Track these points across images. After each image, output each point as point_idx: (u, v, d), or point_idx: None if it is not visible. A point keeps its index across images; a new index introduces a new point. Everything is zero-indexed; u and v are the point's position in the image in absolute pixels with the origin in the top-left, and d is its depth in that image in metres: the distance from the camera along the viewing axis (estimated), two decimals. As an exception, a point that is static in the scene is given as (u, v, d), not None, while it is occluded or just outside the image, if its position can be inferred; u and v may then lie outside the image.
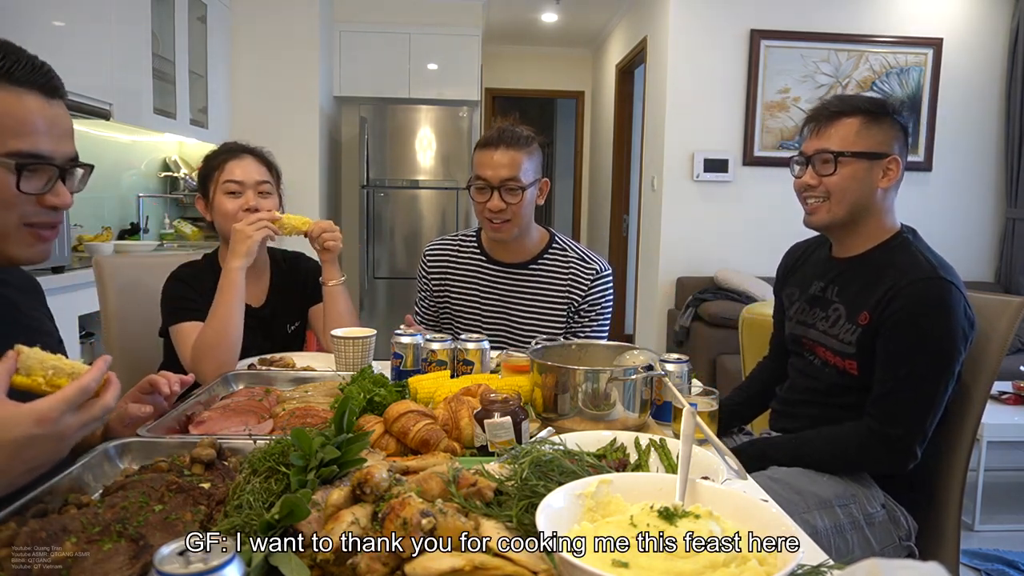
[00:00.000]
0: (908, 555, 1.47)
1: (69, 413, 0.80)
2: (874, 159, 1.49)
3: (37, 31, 2.57)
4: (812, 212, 1.56)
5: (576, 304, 1.88)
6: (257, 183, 1.76)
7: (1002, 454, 3.39)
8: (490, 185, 1.78)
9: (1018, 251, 4.51)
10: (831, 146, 1.50)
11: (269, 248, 1.86)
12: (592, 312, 1.89)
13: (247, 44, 4.75)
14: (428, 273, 2.00)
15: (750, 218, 4.54)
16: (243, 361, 1.65)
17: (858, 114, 1.50)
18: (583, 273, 1.88)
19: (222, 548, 0.55)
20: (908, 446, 1.40)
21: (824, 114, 1.53)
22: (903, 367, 1.40)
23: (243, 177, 1.75)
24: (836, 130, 1.50)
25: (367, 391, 1.21)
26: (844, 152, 1.48)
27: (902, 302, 1.40)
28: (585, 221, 7.63)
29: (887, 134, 1.50)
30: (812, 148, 1.53)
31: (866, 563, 0.56)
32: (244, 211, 1.73)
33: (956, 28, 4.53)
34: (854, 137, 1.49)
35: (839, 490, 1.43)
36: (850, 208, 1.51)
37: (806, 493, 1.40)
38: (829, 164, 1.50)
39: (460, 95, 5.38)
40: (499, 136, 1.79)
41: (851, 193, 1.49)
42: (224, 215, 1.74)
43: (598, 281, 1.89)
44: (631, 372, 1.22)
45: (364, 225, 5.23)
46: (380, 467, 0.78)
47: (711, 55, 4.46)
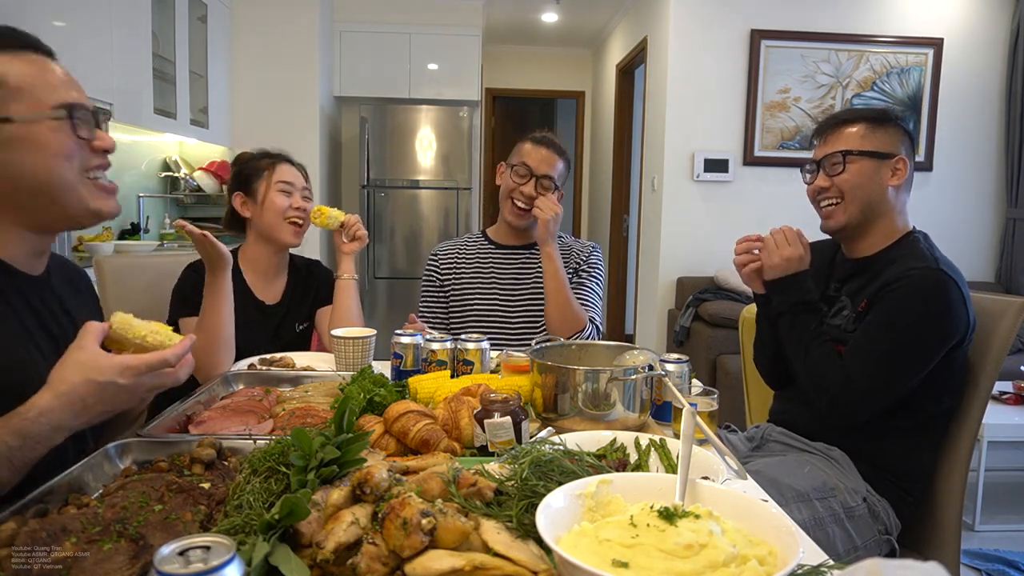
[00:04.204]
0: (890, 550, 1.48)
1: (147, 375, 0.92)
2: (882, 158, 1.55)
3: (37, 31, 2.56)
4: (828, 216, 1.61)
5: (579, 266, 2.08)
6: (302, 188, 1.96)
7: (1002, 454, 3.39)
8: (532, 173, 1.98)
9: (1018, 251, 4.51)
10: (839, 148, 1.57)
11: (291, 253, 2.00)
12: (589, 273, 2.08)
13: (247, 44, 4.75)
14: (439, 268, 2.12)
15: (750, 218, 4.53)
16: (244, 361, 1.65)
17: (862, 120, 1.58)
18: (580, 246, 2.12)
19: (222, 548, 0.55)
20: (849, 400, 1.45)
21: (830, 123, 1.61)
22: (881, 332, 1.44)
23: (293, 179, 1.93)
24: (842, 135, 1.58)
25: (367, 391, 1.21)
26: (852, 151, 1.55)
27: (897, 284, 1.44)
28: (585, 221, 7.63)
29: (892, 137, 1.56)
30: (821, 154, 1.61)
31: (866, 563, 0.56)
32: (294, 209, 1.90)
33: (956, 28, 4.52)
34: (859, 140, 1.56)
35: (817, 483, 1.44)
36: (862, 206, 1.55)
37: (782, 486, 1.41)
38: (838, 164, 1.56)
39: (460, 95, 5.38)
40: (548, 141, 2.03)
41: (862, 190, 1.55)
42: (276, 210, 1.89)
43: (593, 252, 2.13)
44: (631, 372, 1.22)
45: (364, 225, 5.22)
46: (380, 467, 0.78)
47: (711, 55, 4.45)
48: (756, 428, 1.71)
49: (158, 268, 2.01)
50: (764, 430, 1.68)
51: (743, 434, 1.72)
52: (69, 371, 0.88)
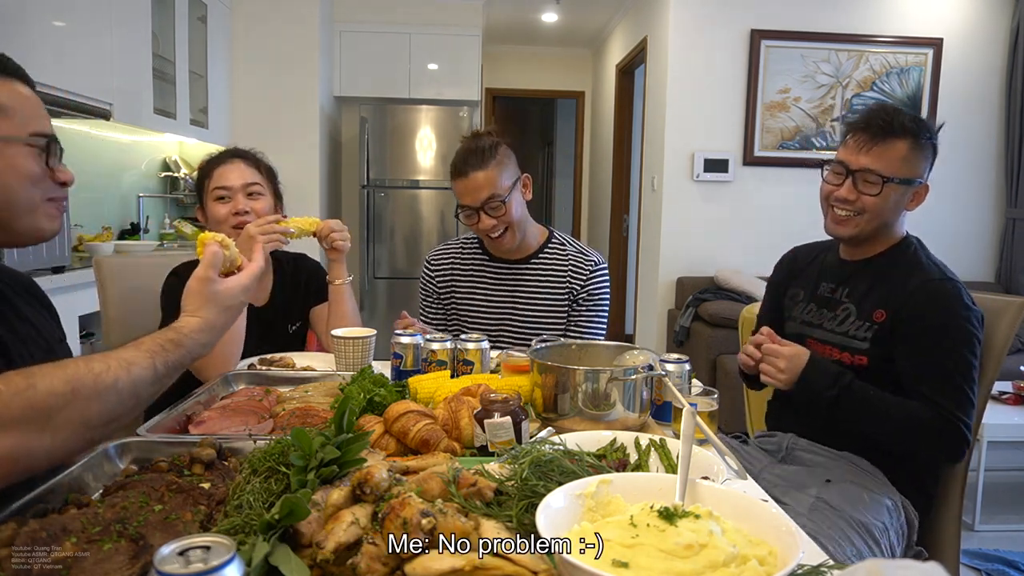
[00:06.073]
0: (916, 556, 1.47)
1: (254, 287, 1.11)
2: (912, 184, 1.51)
3: (37, 31, 2.57)
4: (839, 223, 1.55)
5: (575, 293, 1.94)
6: (244, 185, 1.79)
7: (1002, 454, 3.39)
8: (473, 208, 1.83)
9: (1018, 251, 4.51)
10: (880, 169, 1.48)
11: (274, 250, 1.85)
12: (590, 302, 1.95)
13: (247, 44, 4.75)
14: (433, 277, 2.04)
15: (750, 218, 4.54)
16: (243, 361, 1.65)
17: (908, 137, 1.49)
18: (582, 264, 1.95)
19: (222, 548, 0.55)
20: (969, 435, 1.41)
21: (874, 130, 1.49)
22: (956, 363, 1.41)
23: (230, 182, 1.78)
24: (885, 151, 1.48)
25: (367, 391, 1.21)
26: (893, 179, 1.48)
27: (922, 301, 1.44)
28: (585, 221, 7.63)
29: (925, 160, 1.52)
30: (858, 164, 1.50)
31: (866, 563, 0.56)
32: (234, 215, 1.75)
33: (956, 28, 4.52)
34: (900, 163, 1.48)
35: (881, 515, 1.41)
36: (878, 225, 1.53)
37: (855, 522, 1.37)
38: (875, 186, 1.49)
39: (460, 95, 5.38)
40: (464, 161, 1.82)
41: (885, 214, 1.52)
42: (216, 221, 1.78)
43: (596, 272, 1.96)
44: (631, 372, 1.22)
45: (364, 225, 5.23)
46: (380, 467, 0.78)
47: (711, 55, 4.45)
48: (772, 438, 1.65)
49: (158, 268, 2.00)
50: (785, 440, 1.62)
51: (755, 441, 1.68)
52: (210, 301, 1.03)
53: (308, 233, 1.77)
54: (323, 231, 1.78)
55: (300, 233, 1.75)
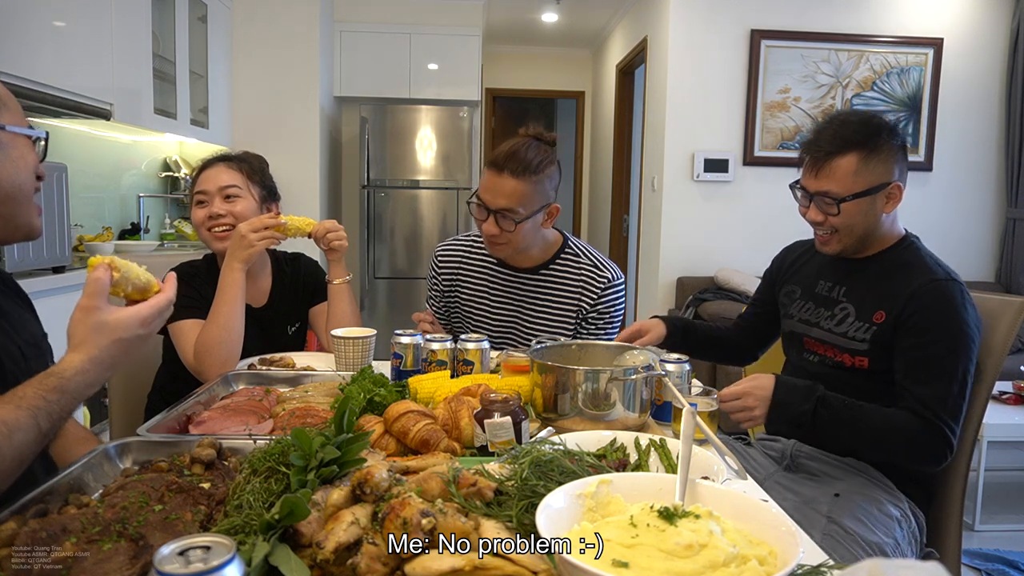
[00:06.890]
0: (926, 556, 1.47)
1: (157, 319, 0.98)
2: (876, 192, 1.47)
3: (37, 31, 2.57)
4: (824, 243, 1.56)
5: (584, 311, 1.83)
6: (220, 189, 1.76)
7: (1002, 454, 3.40)
8: (488, 208, 1.71)
9: (1018, 251, 4.51)
10: (831, 189, 1.47)
11: (270, 249, 1.86)
12: (601, 320, 1.84)
13: (247, 44, 4.75)
14: (439, 273, 1.96)
15: (750, 218, 4.54)
16: (243, 361, 1.65)
17: (854, 149, 1.45)
18: (595, 281, 1.82)
19: (222, 548, 0.55)
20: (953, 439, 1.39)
21: (819, 155, 1.48)
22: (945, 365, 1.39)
23: (207, 186, 1.77)
24: (834, 171, 1.46)
25: (367, 391, 1.21)
26: (846, 197, 1.46)
27: (922, 301, 1.42)
28: (585, 221, 7.63)
29: (886, 163, 1.47)
30: (813, 187, 1.50)
31: (866, 563, 0.56)
32: (209, 219, 1.75)
33: (956, 28, 4.52)
34: (853, 178, 1.46)
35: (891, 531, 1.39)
36: (859, 237, 1.52)
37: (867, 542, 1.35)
38: (831, 206, 1.48)
39: (460, 95, 5.38)
40: (506, 160, 1.67)
41: (859, 226, 1.50)
42: (196, 224, 1.79)
43: (609, 289, 1.83)
44: (631, 372, 1.22)
45: (364, 225, 5.23)
46: (380, 467, 0.78)
47: (711, 55, 4.46)
48: (775, 443, 1.63)
49: (158, 268, 1.99)
50: (789, 447, 1.60)
51: (759, 445, 1.66)
52: (95, 333, 0.92)
53: (304, 233, 1.75)
54: (319, 232, 1.77)
55: (295, 232, 1.73)
